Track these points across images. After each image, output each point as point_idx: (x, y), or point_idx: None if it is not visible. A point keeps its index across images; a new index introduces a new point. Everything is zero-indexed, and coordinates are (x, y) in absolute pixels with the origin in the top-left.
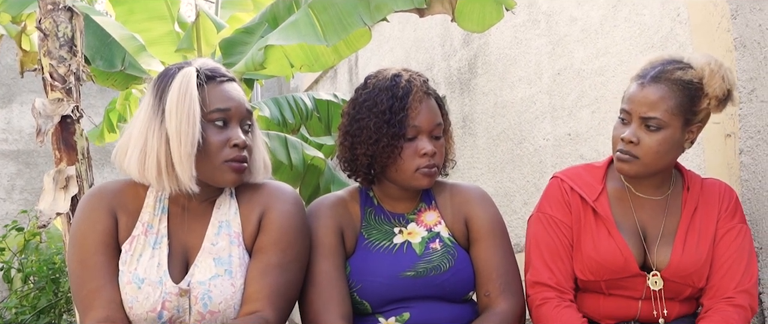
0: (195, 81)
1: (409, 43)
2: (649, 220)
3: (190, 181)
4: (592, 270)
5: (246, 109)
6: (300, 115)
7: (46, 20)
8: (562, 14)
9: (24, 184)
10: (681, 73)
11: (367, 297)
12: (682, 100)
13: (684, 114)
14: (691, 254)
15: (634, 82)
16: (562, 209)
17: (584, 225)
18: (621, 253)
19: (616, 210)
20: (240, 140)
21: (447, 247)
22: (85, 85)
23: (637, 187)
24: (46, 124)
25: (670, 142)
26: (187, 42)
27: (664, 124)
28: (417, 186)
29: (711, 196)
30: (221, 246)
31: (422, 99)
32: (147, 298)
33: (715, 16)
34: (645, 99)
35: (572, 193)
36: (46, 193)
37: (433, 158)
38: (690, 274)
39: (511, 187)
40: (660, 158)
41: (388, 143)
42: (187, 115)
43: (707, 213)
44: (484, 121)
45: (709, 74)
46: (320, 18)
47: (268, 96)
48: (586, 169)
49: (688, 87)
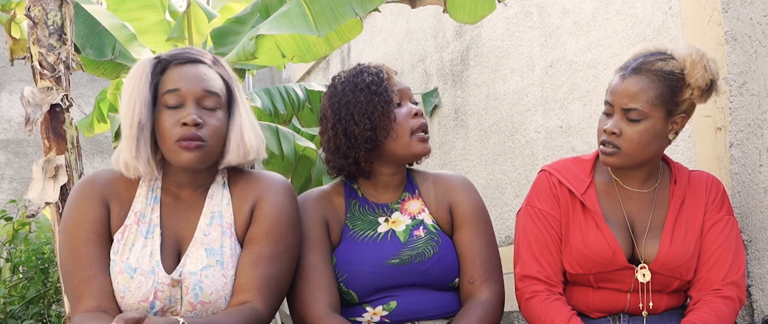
0: (145, 67)
1: (402, 35)
2: (637, 213)
3: (136, 162)
4: (581, 263)
5: (202, 88)
6: (292, 105)
7: (35, 8)
8: (554, 6)
9: (13, 173)
10: (662, 64)
11: (354, 286)
12: (663, 90)
13: (666, 104)
14: (679, 247)
15: (617, 74)
16: (550, 202)
17: (573, 218)
18: (609, 246)
19: (604, 203)
20: (189, 118)
21: (431, 234)
22: (75, 75)
23: (625, 180)
24: (35, 113)
25: (652, 133)
26: (178, 31)
27: (645, 115)
28: (416, 152)
29: (698, 189)
30: (213, 236)
31: (391, 72)
32: (139, 288)
33: (707, 10)
34: (626, 90)
35: (560, 186)
36: (35, 182)
37: (424, 120)
38: (678, 267)
39: (503, 179)
40: (642, 149)
41: (383, 110)
42: (128, 98)
43: (694, 205)
44: (476, 113)
45: (691, 64)
46: (312, 8)
47: (259, 86)
48: (574, 162)
49: (669, 77)
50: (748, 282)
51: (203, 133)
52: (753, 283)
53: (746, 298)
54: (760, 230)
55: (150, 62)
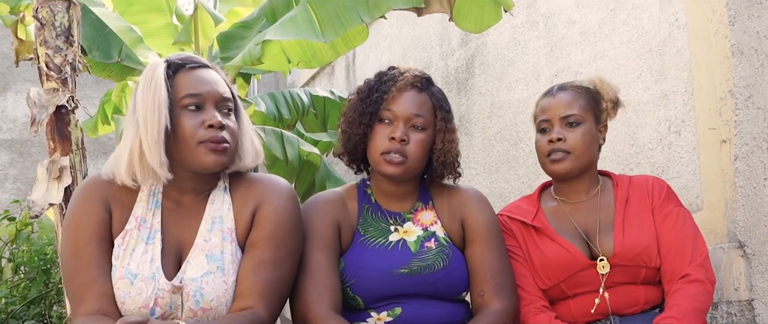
0: (161, 69)
1: (407, 42)
2: (586, 219)
3: (161, 168)
4: (547, 274)
5: (221, 93)
6: (296, 110)
7: (43, 9)
8: (560, 16)
9: (17, 173)
10: (578, 83)
11: (360, 292)
12: (588, 99)
13: (593, 111)
14: (633, 234)
15: (542, 99)
16: (509, 239)
17: (529, 243)
18: (566, 250)
19: (554, 221)
20: (215, 120)
21: (442, 247)
22: (81, 76)
23: (569, 196)
24: (41, 114)
25: (590, 135)
26: (184, 35)
27: (581, 119)
28: (381, 171)
29: (641, 189)
30: (214, 242)
31: (405, 88)
32: (139, 294)
33: (714, 22)
34: (560, 102)
35: (512, 221)
36: (40, 183)
37: (402, 146)
38: (637, 254)
39: (506, 187)
40: (586, 149)
41: (359, 121)
42: (151, 102)
43: (640, 203)
44: (481, 122)
45: (600, 82)
46: (318, 14)
47: (264, 91)
48: (522, 200)
49: (588, 90)
50: (751, 295)
51: (226, 135)
52: (756, 297)
53: (750, 311)
54: (764, 243)
55: (162, 66)
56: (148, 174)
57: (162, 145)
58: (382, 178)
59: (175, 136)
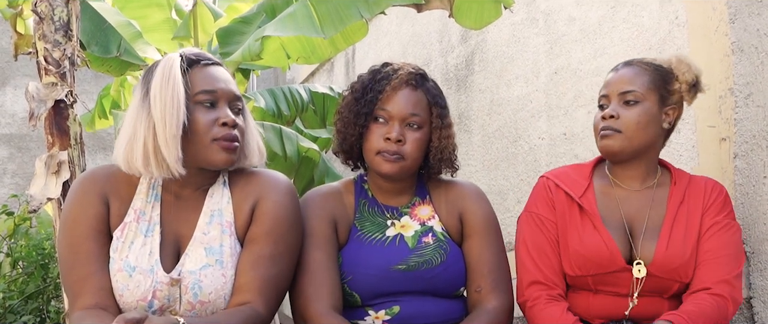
0: (178, 65)
1: (407, 38)
2: (635, 213)
3: (177, 163)
4: (579, 265)
5: (233, 91)
6: (295, 106)
7: (42, 4)
8: (560, 13)
9: (15, 168)
10: (650, 60)
11: (358, 289)
12: (655, 77)
13: (658, 90)
14: (677, 247)
15: (609, 74)
16: (546, 206)
17: (570, 221)
18: (606, 246)
19: (602, 205)
20: (229, 119)
21: (439, 242)
22: (80, 71)
23: (623, 180)
24: (40, 109)
25: (649, 115)
26: (184, 30)
27: (641, 97)
28: (378, 170)
29: (697, 191)
30: (213, 235)
31: (400, 86)
32: (138, 287)
33: (714, 20)
34: (621, 78)
35: (557, 190)
36: (38, 177)
37: (397, 146)
38: (675, 268)
39: (505, 184)
40: (641, 130)
41: (355, 121)
42: (171, 97)
43: (693, 206)
44: (480, 119)
45: (677, 61)
46: (318, 10)
47: (263, 87)
48: (573, 168)
49: (659, 69)
50: (750, 293)
51: (237, 133)
52: (755, 295)
53: (749, 309)
54: (763, 242)
55: (177, 62)
56: (162, 168)
57: (179, 141)
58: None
59: (189, 132)
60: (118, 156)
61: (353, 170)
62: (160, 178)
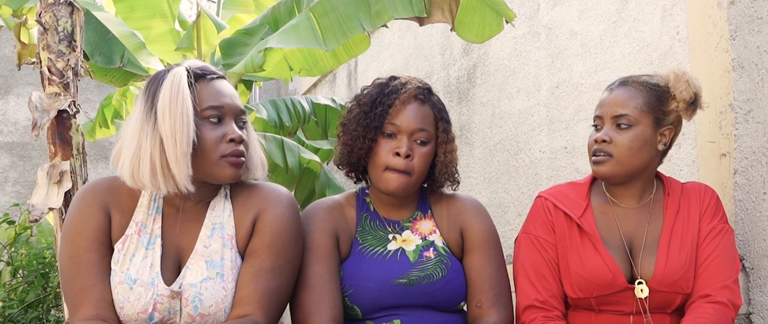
0: (186, 80)
1: (409, 51)
2: (634, 230)
3: (187, 181)
4: (581, 287)
5: (239, 106)
6: (297, 118)
7: (46, 14)
8: (562, 28)
9: (17, 176)
10: (647, 78)
11: (358, 302)
12: (650, 99)
13: (653, 112)
14: (675, 261)
15: (604, 92)
16: (545, 228)
17: (570, 242)
18: (608, 268)
19: (601, 224)
20: (236, 135)
21: (441, 257)
22: (83, 80)
23: (620, 199)
24: (42, 118)
25: (641, 140)
26: (187, 41)
27: (634, 121)
28: (383, 188)
29: (691, 197)
30: (214, 248)
31: (409, 101)
32: (138, 299)
33: (714, 36)
34: (614, 100)
35: (556, 211)
36: (40, 187)
37: (406, 161)
38: (676, 281)
39: (506, 198)
40: (633, 155)
41: (364, 134)
42: (180, 114)
43: (689, 214)
44: (481, 132)
45: (675, 78)
46: (321, 22)
47: (266, 98)
48: (570, 186)
49: (655, 88)
50: (749, 309)
51: (243, 148)
52: (754, 311)
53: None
54: (763, 258)
55: (185, 77)
56: (169, 184)
57: (189, 159)
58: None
59: (197, 149)
60: (123, 170)
61: (356, 183)
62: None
